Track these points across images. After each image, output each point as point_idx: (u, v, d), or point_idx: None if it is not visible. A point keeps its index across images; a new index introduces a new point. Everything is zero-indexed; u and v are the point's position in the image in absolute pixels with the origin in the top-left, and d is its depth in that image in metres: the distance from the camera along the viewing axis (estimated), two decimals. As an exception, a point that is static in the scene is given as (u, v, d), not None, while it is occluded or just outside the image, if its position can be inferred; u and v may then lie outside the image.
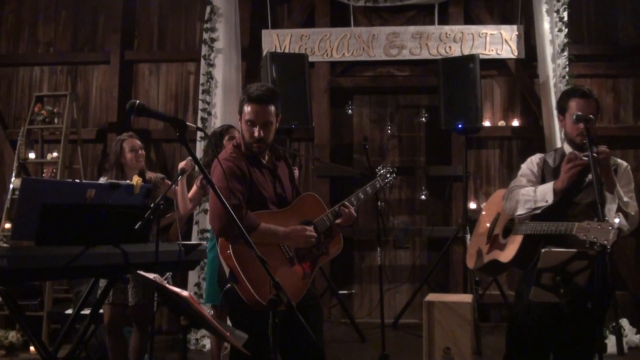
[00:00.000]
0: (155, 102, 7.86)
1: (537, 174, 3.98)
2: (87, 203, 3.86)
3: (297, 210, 3.75)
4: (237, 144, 3.68)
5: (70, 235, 3.57)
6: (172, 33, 7.98)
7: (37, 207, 3.51)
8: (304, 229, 3.61)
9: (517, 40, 7.35)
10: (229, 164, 3.51)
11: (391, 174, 4.45)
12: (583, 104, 3.73)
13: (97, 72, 8.01)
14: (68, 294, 7.19)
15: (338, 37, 7.45)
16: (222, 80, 7.26)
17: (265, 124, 3.55)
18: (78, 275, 4.69)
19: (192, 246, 4.32)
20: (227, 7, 7.36)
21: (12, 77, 8.15)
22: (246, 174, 3.54)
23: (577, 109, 3.71)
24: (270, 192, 3.70)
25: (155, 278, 2.76)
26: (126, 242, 3.79)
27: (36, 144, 7.61)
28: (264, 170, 3.69)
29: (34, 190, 3.75)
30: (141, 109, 2.71)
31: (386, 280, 7.11)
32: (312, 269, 3.70)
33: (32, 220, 3.54)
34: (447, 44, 7.36)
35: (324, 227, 3.76)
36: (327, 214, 3.80)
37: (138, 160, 5.17)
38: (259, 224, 3.43)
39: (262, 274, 3.35)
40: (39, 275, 3.95)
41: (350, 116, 7.75)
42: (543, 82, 7.13)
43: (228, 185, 3.38)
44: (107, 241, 3.71)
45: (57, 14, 8.15)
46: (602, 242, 3.09)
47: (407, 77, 7.66)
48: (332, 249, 3.83)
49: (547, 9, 7.11)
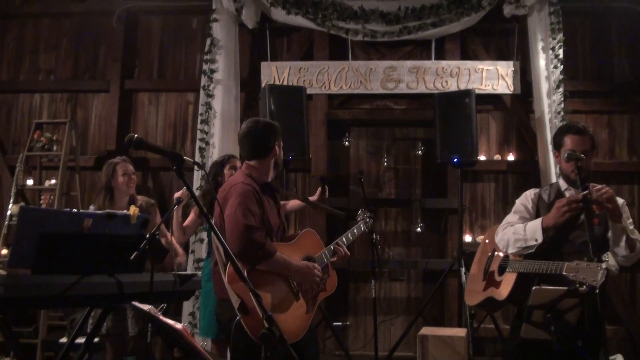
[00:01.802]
0: (154, 131, 7.91)
1: (531, 210, 4.00)
2: (84, 232, 3.88)
3: (300, 245, 3.83)
4: (248, 174, 3.78)
5: (67, 264, 3.58)
6: (172, 63, 8.06)
7: (34, 236, 3.52)
8: (314, 267, 3.69)
9: (513, 75, 7.43)
10: (248, 187, 3.62)
11: (370, 217, 4.68)
12: (578, 140, 3.78)
13: (97, 100, 8.06)
14: (62, 321, 7.14)
15: (336, 70, 7.52)
16: (221, 111, 7.32)
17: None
18: (73, 304, 4.67)
19: (187, 276, 4.33)
20: (227, 40, 7.46)
21: (12, 104, 8.19)
22: (260, 199, 3.64)
23: (571, 146, 3.76)
24: (276, 220, 3.80)
25: (149, 309, 2.78)
26: (121, 272, 3.80)
27: (34, 171, 7.62)
28: (270, 199, 3.82)
29: (32, 219, 3.77)
30: (139, 143, 2.79)
31: (381, 312, 7.12)
32: (314, 305, 3.75)
33: (29, 249, 3.55)
34: (444, 78, 7.44)
35: (322, 263, 3.84)
36: (325, 251, 3.90)
37: (129, 185, 5.20)
38: (276, 252, 3.50)
39: (271, 307, 3.39)
40: (35, 303, 3.96)
41: (347, 148, 7.80)
42: (538, 118, 7.20)
43: (248, 207, 3.48)
44: (103, 270, 3.73)
45: (59, 42, 8.22)
46: (591, 282, 3.13)
47: (404, 111, 7.72)
48: (329, 286, 3.90)
49: (542, 46, 7.21)
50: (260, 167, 3.82)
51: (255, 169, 3.81)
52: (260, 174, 3.80)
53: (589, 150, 3.75)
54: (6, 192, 7.76)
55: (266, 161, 3.84)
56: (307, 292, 3.71)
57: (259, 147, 3.83)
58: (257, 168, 3.81)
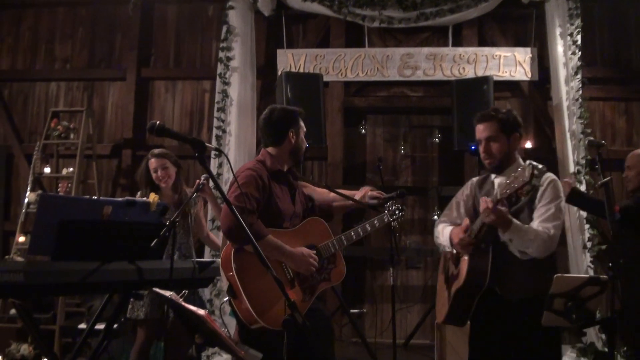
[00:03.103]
0: (171, 119, 7.92)
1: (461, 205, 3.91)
2: (104, 220, 3.88)
3: (303, 232, 3.83)
4: (261, 160, 3.84)
5: (86, 251, 3.57)
6: (188, 51, 8.06)
7: (54, 223, 3.52)
8: (309, 254, 3.68)
9: (531, 62, 7.37)
10: (252, 172, 3.67)
11: (400, 210, 4.45)
12: (479, 129, 3.71)
13: (113, 89, 8.09)
14: (80, 308, 7.22)
15: (352, 57, 7.49)
16: (237, 99, 7.31)
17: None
18: (93, 290, 4.71)
19: (206, 263, 4.34)
20: (243, 27, 7.44)
21: (28, 93, 8.24)
22: (266, 185, 3.68)
23: (477, 135, 3.72)
24: (288, 207, 3.81)
25: (171, 296, 2.78)
26: (141, 259, 3.81)
27: (52, 159, 7.67)
28: (284, 186, 3.84)
29: (52, 207, 3.76)
30: (161, 129, 2.80)
31: (397, 300, 7.10)
32: (312, 294, 3.75)
33: (49, 236, 3.54)
34: (461, 65, 7.39)
35: (327, 253, 3.84)
36: (333, 240, 3.88)
37: (159, 181, 5.11)
38: (267, 234, 3.52)
39: (263, 292, 3.43)
40: (55, 290, 3.95)
41: (364, 135, 7.79)
42: (556, 105, 7.14)
43: (244, 190, 3.51)
44: (123, 257, 3.73)
45: (74, 31, 8.25)
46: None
47: (421, 98, 7.70)
48: (334, 277, 3.89)
49: (560, 32, 7.13)
50: (275, 154, 3.86)
51: (270, 155, 3.85)
52: (273, 161, 3.83)
53: (494, 136, 3.61)
54: (23, 181, 7.82)
55: (281, 148, 3.87)
56: (305, 279, 3.71)
57: (273, 134, 3.88)
58: (272, 155, 3.85)
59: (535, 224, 3.43)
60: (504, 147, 3.62)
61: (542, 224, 3.41)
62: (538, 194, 3.50)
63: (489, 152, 3.63)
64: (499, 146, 3.61)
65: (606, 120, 7.48)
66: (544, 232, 3.37)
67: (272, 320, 3.41)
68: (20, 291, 3.33)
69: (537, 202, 3.50)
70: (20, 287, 3.26)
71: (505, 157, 3.63)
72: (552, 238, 3.39)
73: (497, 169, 3.66)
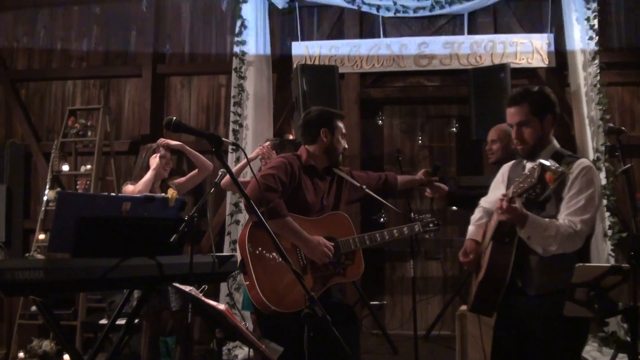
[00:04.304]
0: (187, 114, 7.94)
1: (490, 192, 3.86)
2: (123, 216, 3.89)
3: (324, 224, 3.92)
4: (298, 154, 4.05)
5: (106, 247, 3.58)
6: (203, 46, 8.05)
7: (73, 220, 3.53)
8: (325, 244, 3.74)
9: (548, 48, 7.27)
10: (284, 160, 3.89)
11: (435, 225, 4.45)
12: (510, 112, 3.45)
13: (130, 86, 8.12)
14: (101, 303, 7.27)
15: (368, 48, 7.45)
16: (253, 92, 7.29)
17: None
18: (113, 286, 4.69)
19: (226, 258, 4.34)
20: (257, 20, 7.41)
21: (45, 92, 8.30)
22: (296, 174, 3.84)
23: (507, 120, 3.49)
24: (315, 200, 3.92)
25: (191, 291, 2.78)
26: (161, 254, 3.82)
27: (70, 157, 7.72)
28: (316, 181, 3.99)
29: (71, 204, 3.78)
30: (178, 125, 2.82)
31: (417, 292, 7.07)
32: (323, 285, 3.80)
33: (68, 233, 3.56)
34: (478, 53, 7.32)
35: (347, 249, 3.91)
36: (355, 237, 3.95)
37: (165, 169, 5.35)
38: (286, 215, 3.64)
39: (272, 272, 3.49)
40: (75, 286, 3.96)
41: (381, 127, 7.76)
42: (574, 91, 7.04)
43: (272, 172, 3.73)
44: (142, 253, 3.74)
45: (89, 29, 8.28)
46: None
47: (438, 87, 7.64)
48: (349, 273, 3.94)
49: (577, 17, 7.00)
50: (311, 151, 4.05)
51: (307, 152, 4.05)
52: (308, 157, 4.02)
53: (525, 120, 3.36)
54: (42, 179, 7.89)
55: (316, 147, 4.04)
56: (318, 269, 3.76)
57: (307, 132, 4.08)
58: (308, 152, 4.05)
59: (561, 217, 3.21)
60: (537, 131, 3.36)
61: (568, 217, 3.18)
62: (568, 183, 3.23)
63: (520, 137, 3.39)
64: (532, 131, 3.35)
65: (625, 105, 7.37)
66: (568, 226, 3.15)
67: (280, 304, 3.51)
68: (41, 288, 3.33)
69: (565, 191, 3.24)
70: (41, 284, 3.27)
71: (538, 141, 3.38)
72: (578, 234, 3.16)
73: (530, 156, 3.42)
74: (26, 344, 6.89)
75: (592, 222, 3.23)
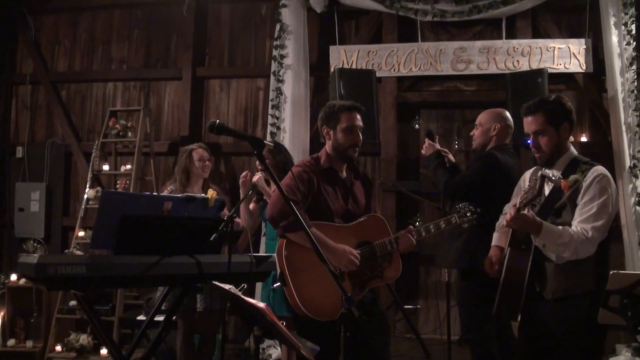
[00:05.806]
0: (226, 116, 8.02)
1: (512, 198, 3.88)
2: (164, 215, 3.97)
3: (360, 229, 3.87)
4: (316, 157, 3.97)
5: (147, 245, 3.67)
6: (242, 50, 8.15)
7: (116, 218, 3.63)
8: (350, 252, 3.69)
9: (585, 53, 7.22)
10: (300, 169, 3.84)
11: (473, 213, 4.07)
12: (527, 121, 3.62)
13: (170, 88, 8.24)
14: (138, 300, 7.42)
15: (405, 52, 7.47)
16: (291, 96, 7.36)
17: (360, 130, 3.91)
18: (153, 283, 4.81)
19: (263, 258, 4.39)
20: (296, 25, 7.49)
21: (85, 93, 8.46)
22: (313, 182, 3.79)
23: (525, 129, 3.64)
24: (339, 206, 3.86)
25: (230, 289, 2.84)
26: (200, 253, 3.89)
27: (110, 157, 7.85)
28: (337, 185, 3.90)
29: (114, 202, 3.86)
30: (221, 128, 2.92)
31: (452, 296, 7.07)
32: (362, 290, 3.78)
33: (110, 231, 3.65)
34: (515, 58, 7.30)
35: (383, 251, 3.84)
36: (390, 238, 3.87)
37: (204, 170, 5.53)
38: (308, 226, 3.50)
39: (310, 282, 3.51)
40: (116, 282, 4.05)
41: (417, 131, 7.77)
42: (612, 97, 6.98)
43: (290, 184, 3.70)
44: (182, 251, 3.82)
45: (130, 32, 8.43)
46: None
47: (475, 92, 7.63)
48: (387, 274, 3.90)
49: (615, 22, 6.96)
50: (328, 150, 3.98)
51: (325, 152, 3.98)
52: (326, 158, 3.95)
53: (541, 129, 3.51)
54: (81, 178, 8.09)
55: (328, 145, 3.99)
56: (356, 274, 3.74)
57: (320, 132, 4.04)
58: (326, 151, 3.98)
59: (574, 224, 3.30)
60: (553, 140, 3.52)
61: (580, 225, 3.27)
62: (582, 190, 3.34)
63: (537, 146, 3.54)
64: (548, 139, 3.51)
65: (663, 112, 7.29)
66: (581, 233, 3.24)
67: (316, 311, 3.53)
68: (83, 283, 3.43)
69: (579, 198, 3.34)
70: (83, 279, 3.38)
71: (555, 149, 3.52)
72: (590, 240, 3.24)
73: (547, 163, 3.55)
74: (63, 338, 7.06)
75: (604, 228, 3.30)
